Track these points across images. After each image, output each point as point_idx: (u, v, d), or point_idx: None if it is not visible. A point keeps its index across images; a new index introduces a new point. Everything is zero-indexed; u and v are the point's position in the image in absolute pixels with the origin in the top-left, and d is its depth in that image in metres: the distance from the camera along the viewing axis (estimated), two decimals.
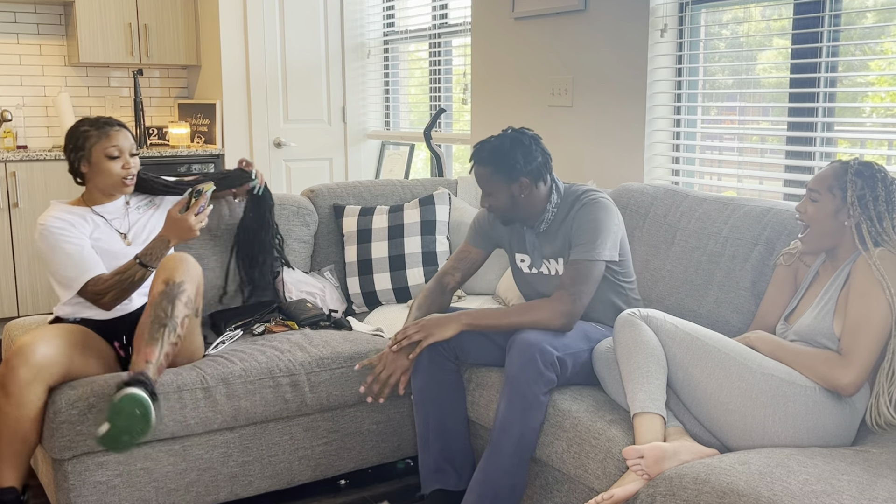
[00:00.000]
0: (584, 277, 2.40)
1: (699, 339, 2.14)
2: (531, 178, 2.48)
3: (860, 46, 2.83)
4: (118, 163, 2.64)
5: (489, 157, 2.49)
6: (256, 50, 5.08)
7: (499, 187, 2.49)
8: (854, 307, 2.05)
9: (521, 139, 2.50)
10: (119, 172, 2.65)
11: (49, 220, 2.57)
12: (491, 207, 2.53)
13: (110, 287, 2.51)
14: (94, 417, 2.32)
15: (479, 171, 2.52)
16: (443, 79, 4.80)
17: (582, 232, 2.44)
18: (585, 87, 3.63)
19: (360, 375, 2.75)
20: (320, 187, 3.54)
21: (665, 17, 3.32)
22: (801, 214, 2.21)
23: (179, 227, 2.59)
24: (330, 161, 5.44)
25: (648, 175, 3.44)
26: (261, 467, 2.64)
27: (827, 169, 2.20)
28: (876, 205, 2.10)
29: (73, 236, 2.56)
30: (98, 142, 2.62)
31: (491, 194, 2.51)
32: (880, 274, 2.04)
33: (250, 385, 2.57)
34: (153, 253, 2.54)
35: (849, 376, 2.01)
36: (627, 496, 1.98)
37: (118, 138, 2.64)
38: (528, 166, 2.47)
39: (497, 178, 2.48)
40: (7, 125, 4.98)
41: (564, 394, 2.38)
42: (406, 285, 3.34)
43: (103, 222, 2.69)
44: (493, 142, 2.51)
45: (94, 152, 2.62)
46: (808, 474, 1.78)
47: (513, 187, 2.48)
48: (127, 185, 2.68)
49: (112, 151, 2.63)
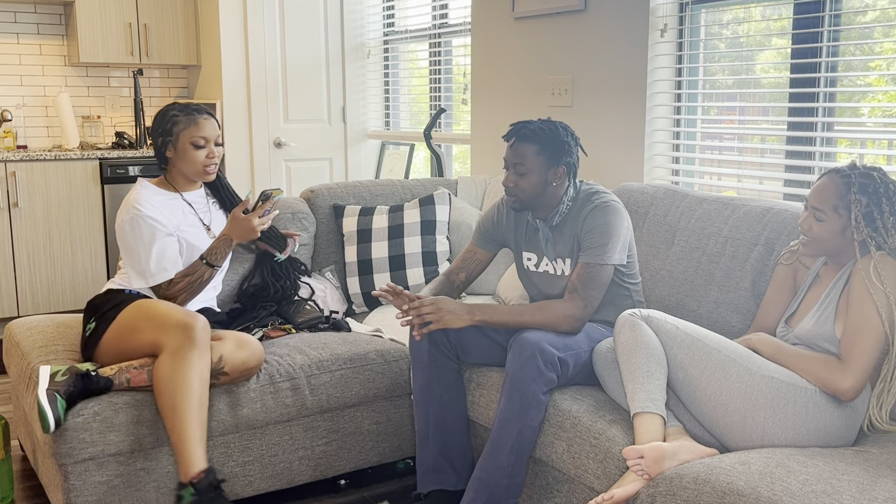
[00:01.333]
0: (594, 281, 2.40)
1: (700, 341, 2.14)
2: (568, 168, 2.49)
3: (860, 46, 2.83)
4: (203, 151, 2.67)
5: (537, 135, 2.46)
6: (256, 50, 5.08)
7: (537, 167, 2.46)
8: (853, 312, 2.05)
9: (569, 130, 2.51)
10: (203, 161, 2.68)
11: (144, 207, 2.61)
12: (516, 187, 2.49)
13: (181, 290, 2.61)
14: (97, 426, 2.34)
15: (519, 148, 2.47)
16: (443, 79, 4.80)
17: (593, 235, 2.43)
18: (585, 87, 3.63)
19: (360, 376, 2.76)
20: (320, 187, 3.54)
21: (665, 17, 3.32)
22: (806, 231, 2.17)
23: (243, 228, 2.67)
24: (330, 161, 5.43)
25: (648, 175, 3.44)
26: (261, 467, 2.64)
27: (828, 184, 2.14)
28: (883, 220, 2.07)
29: (164, 231, 2.61)
30: (186, 128, 2.65)
31: (525, 174, 2.47)
32: (880, 278, 2.03)
33: (252, 393, 2.57)
34: (218, 252, 2.65)
35: (848, 381, 2.00)
36: (628, 496, 1.98)
37: (206, 127, 2.67)
38: (571, 157, 2.48)
39: (541, 157, 2.45)
40: (7, 125, 4.99)
41: (564, 393, 2.38)
42: (406, 285, 3.34)
43: (190, 211, 2.74)
44: (539, 123, 2.48)
45: (181, 139, 2.66)
46: (808, 474, 1.78)
47: (550, 172, 2.46)
48: (209, 174, 2.72)
49: (198, 140, 2.66)
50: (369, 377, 2.78)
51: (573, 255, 2.52)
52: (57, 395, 2.28)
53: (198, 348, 2.37)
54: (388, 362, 2.82)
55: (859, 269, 2.07)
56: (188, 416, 2.31)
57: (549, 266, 2.59)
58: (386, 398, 2.85)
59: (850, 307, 2.06)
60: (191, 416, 2.31)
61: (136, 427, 2.38)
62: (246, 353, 2.51)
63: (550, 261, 2.58)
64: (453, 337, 2.56)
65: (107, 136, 5.40)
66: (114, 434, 2.36)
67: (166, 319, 2.42)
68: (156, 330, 2.42)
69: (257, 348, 2.55)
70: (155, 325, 2.43)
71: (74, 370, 2.36)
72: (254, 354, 2.54)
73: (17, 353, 2.78)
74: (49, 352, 2.66)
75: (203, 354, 2.38)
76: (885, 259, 2.06)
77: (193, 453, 2.29)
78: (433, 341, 2.54)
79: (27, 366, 2.61)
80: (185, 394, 2.32)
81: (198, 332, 2.37)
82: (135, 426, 2.38)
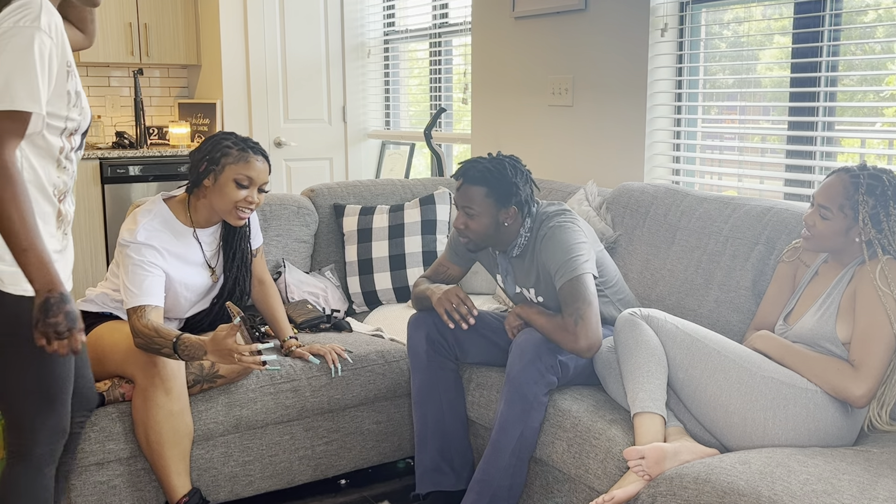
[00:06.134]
0: (582, 296, 2.27)
1: (700, 341, 2.14)
2: (520, 208, 2.41)
3: (860, 45, 2.83)
4: (244, 192, 2.45)
5: (485, 177, 2.37)
6: (257, 49, 5.07)
7: (487, 210, 2.38)
8: (864, 318, 2.04)
9: (518, 167, 2.42)
10: (240, 202, 2.45)
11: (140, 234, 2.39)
12: (467, 229, 2.41)
13: (142, 336, 2.29)
14: (95, 436, 2.34)
15: (468, 191, 2.39)
16: (443, 78, 4.80)
17: (555, 259, 2.34)
18: (586, 87, 3.62)
19: (360, 376, 2.75)
20: (321, 187, 3.54)
21: (665, 17, 3.31)
22: (810, 228, 2.17)
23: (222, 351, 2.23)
24: (330, 161, 5.43)
25: (649, 174, 3.43)
26: (261, 467, 2.64)
27: (836, 183, 2.13)
28: (889, 222, 2.06)
29: (154, 266, 2.39)
30: (235, 163, 2.44)
31: (475, 216, 2.39)
32: (888, 283, 2.03)
33: (251, 394, 2.57)
34: (191, 352, 2.26)
35: (861, 388, 2.00)
36: (628, 497, 1.98)
37: (256, 168, 2.46)
38: (521, 196, 2.40)
39: (489, 200, 2.37)
40: None
41: (565, 394, 2.37)
42: (406, 285, 3.34)
43: (198, 249, 2.54)
44: (486, 163, 2.40)
45: (226, 172, 2.44)
46: (809, 474, 1.78)
47: (501, 213, 2.39)
48: (240, 219, 2.49)
49: (243, 179, 2.44)
50: (370, 377, 2.77)
51: (538, 284, 2.45)
52: None
53: (163, 385, 2.30)
54: (388, 363, 2.82)
55: (867, 274, 2.06)
56: (163, 452, 2.34)
57: (520, 290, 2.54)
58: (386, 398, 2.84)
59: (860, 313, 2.05)
60: (166, 451, 2.34)
61: (134, 435, 2.38)
62: None
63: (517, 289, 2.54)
64: (451, 337, 2.56)
65: (107, 136, 5.40)
66: (112, 443, 2.37)
67: (128, 356, 2.34)
68: (121, 363, 2.38)
69: None
70: (120, 359, 2.38)
71: None
72: None
73: None
74: None
75: (171, 387, 2.31)
76: (892, 264, 2.05)
77: (175, 483, 2.36)
78: (431, 342, 2.54)
79: None
80: (157, 433, 2.32)
81: (161, 369, 2.31)
82: (133, 434, 2.38)
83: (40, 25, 1.66)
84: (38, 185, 1.77)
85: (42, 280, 1.64)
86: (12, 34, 1.63)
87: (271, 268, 3.26)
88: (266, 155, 2.52)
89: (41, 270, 1.64)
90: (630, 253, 2.96)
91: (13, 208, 1.61)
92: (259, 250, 2.79)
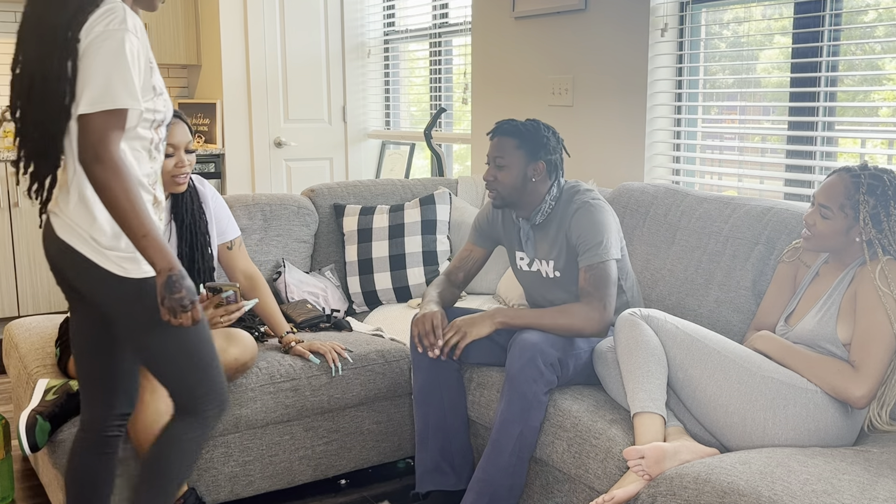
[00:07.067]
0: (605, 281, 2.38)
1: (700, 341, 2.14)
2: (548, 165, 2.49)
3: (860, 45, 2.83)
4: (171, 160, 2.42)
5: (517, 130, 2.48)
6: (257, 49, 5.07)
7: (516, 162, 2.46)
8: (864, 319, 2.03)
9: (553, 130, 2.52)
10: (170, 170, 2.42)
11: None
12: (496, 181, 2.49)
13: None
14: None
15: (500, 142, 2.48)
16: (443, 78, 4.80)
17: (587, 237, 2.42)
18: (586, 87, 3.62)
19: (360, 376, 2.75)
20: (321, 187, 3.54)
21: (665, 17, 3.31)
22: (810, 227, 2.17)
23: None
24: (330, 161, 5.43)
25: (649, 174, 3.44)
26: (261, 467, 2.64)
27: (837, 182, 2.13)
28: (890, 222, 2.06)
29: None
30: None
31: (504, 167, 2.47)
32: (888, 284, 2.02)
33: (251, 392, 2.56)
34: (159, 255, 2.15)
35: (861, 389, 2.00)
36: (628, 497, 1.98)
37: (174, 134, 2.40)
38: (551, 153, 2.48)
39: (520, 151, 2.46)
40: (7, 125, 4.98)
41: (565, 393, 2.37)
42: (406, 284, 3.34)
43: None
44: (522, 121, 2.51)
45: None
46: (809, 474, 1.78)
47: (530, 167, 2.46)
48: (178, 184, 2.47)
49: (167, 150, 2.38)
50: (370, 377, 2.77)
51: (558, 258, 2.50)
52: (39, 418, 2.25)
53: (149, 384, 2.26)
54: (388, 362, 2.82)
55: (867, 274, 2.06)
56: None
57: (536, 265, 2.58)
58: (386, 398, 2.84)
59: (861, 314, 2.05)
60: None
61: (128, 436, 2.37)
62: (238, 349, 2.44)
63: (535, 261, 2.57)
64: None
65: None
66: None
67: None
68: None
69: (249, 343, 2.49)
70: None
71: (67, 388, 2.35)
72: (246, 349, 2.47)
73: (16, 356, 2.78)
74: (46, 354, 2.67)
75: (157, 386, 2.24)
76: (892, 264, 2.05)
77: None
78: None
79: (24, 369, 2.61)
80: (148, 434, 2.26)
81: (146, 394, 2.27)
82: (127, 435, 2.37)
83: (127, 27, 1.77)
84: (136, 176, 1.85)
85: (163, 261, 1.75)
86: (105, 37, 1.75)
87: (271, 268, 3.26)
88: (180, 115, 2.44)
89: (161, 252, 1.75)
90: (630, 253, 2.96)
91: (128, 200, 1.72)
92: (236, 242, 2.74)
